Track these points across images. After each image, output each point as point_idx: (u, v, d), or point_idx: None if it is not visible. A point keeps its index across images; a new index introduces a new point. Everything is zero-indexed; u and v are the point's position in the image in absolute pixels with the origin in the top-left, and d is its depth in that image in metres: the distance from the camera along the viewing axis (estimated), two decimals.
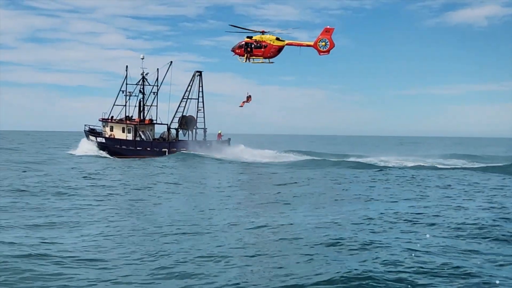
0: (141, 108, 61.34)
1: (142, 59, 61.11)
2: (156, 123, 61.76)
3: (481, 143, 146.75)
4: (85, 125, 63.84)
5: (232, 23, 46.07)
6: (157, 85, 61.06)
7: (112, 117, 61.25)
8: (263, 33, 48.59)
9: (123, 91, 60.99)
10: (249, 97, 53.32)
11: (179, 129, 60.46)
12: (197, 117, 60.99)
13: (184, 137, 60.59)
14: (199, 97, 61.23)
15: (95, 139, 61.67)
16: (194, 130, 61.15)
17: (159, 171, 38.96)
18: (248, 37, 48.88)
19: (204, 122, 61.45)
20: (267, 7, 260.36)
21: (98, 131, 62.66)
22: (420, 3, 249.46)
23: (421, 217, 18.01)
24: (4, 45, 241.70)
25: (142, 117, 61.16)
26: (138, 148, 58.71)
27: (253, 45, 48.77)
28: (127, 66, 61.23)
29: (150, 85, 61.24)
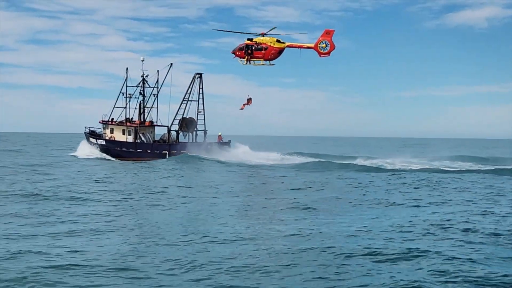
0: (142, 110, 60.85)
1: (142, 61, 60.62)
2: (156, 125, 61.23)
3: (483, 145, 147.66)
4: (85, 127, 63.33)
5: (232, 25, 45.95)
6: (157, 87, 60.67)
7: (112, 119, 60.62)
8: (263, 35, 48.27)
9: (123, 93, 60.47)
10: (249, 100, 53.00)
11: (180, 131, 60.08)
12: (197, 119, 60.64)
13: (184, 139, 60.26)
14: (199, 99, 60.91)
15: (95, 141, 61.16)
16: (194, 132, 60.82)
17: (168, 174, 38.52)
18: (248, 39, 48.48)
19: (204, 124, 61.15)
20: (267, 9, 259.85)
21: (98, 133, 62.12)
22: (420, 4, 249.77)
23: (451, 223, 17.74)
24: (4, 47, 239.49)
25: (142, 119, 60.64)
26: (138, 150, 58.17)
27: (253, 47, 48.33)
28: (127, 68, 60.80)
29: (150, 87, 60.79)
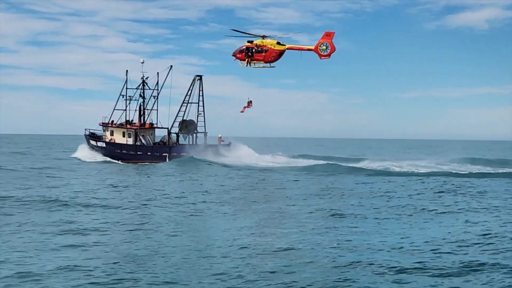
0: (142, 112, 61.06)
1: (142, 63, 60.84)
2: (156, 127, 61.43)
3: (486, 146, 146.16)
4: (85, 129, 63.32)
5: (233, 27, 46.14)
6: (157, 89, 60.90)
7: (112, 121, 60.66)
8: (264, 37, 48.42)
9: (123, 96, 60.62)
10: (250, 102, 53.30)
11: (180, 133, 60.33)
12: (197, 121, 60.95)
13: (184, 141, 60.45)
14: (199, 101, 61.21)
15: (95, 144, 61.50)
16: (194, 134, 61.10)
17: (181, 178, 37.98)
18: (248, 42, 48.64)
19: (204, 126, 61.41)
20: (268, 10, 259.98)
21: (98, 135, 62.27)
22: (420, 6, 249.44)
23: (495, 232, 17.36)
24: (4, 49, 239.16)
25: (142, 121, 60.85)
26: (138, 152, 58.35)
27: (254, 50, 48.52)
28: (127, 70, 60.94)
29: (150, 89, 61.03)
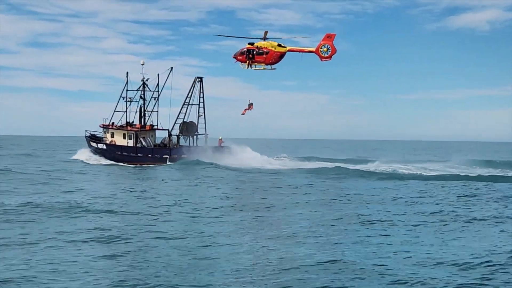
0: (142, 114, 61.04)
1: (142, 64, 60.84)
2: (157, 129, 61.43)
3: (491, 148, 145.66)
4: (85, 131, 63.36)
5: (234, 28, 46.18)
6: (158, 91, 60.89)
7: (113, 123, 60.76)
8: (264, 39, 48.28)
9: (124, 97, 60.72)
10: (251, 105, 53.23)
11: (180, 135, 60.28)
12: (198, 123, 60.92)
13: (185, 143, 60.44)
14: (199, 102, 61.22)
15: (96, 145, 61.42)
16: (195, 136, 61.03)
17: (195, 182, 37.40)
18: (249, 44, 48.51)
19: (205, 127, 61.40)
20: (268, 12, 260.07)
21: (98, 136, 62.26)
22: (421, 7, 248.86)
23: None
24: (5, 50, 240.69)
25: (143, 123, 60.86)
26: (139, 154, 58.34)
27: (254, 52, 48.39)
28: (127, 72, 61.04)
29: (150, 90, 60.99)
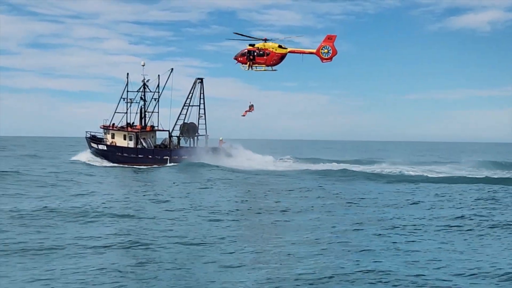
0: (143, 114, 61.01)
1: (143, 65, 60.67)
2: (157, 130, 61.36)
3: (492, 149, 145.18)
4: (86, 132, 63.19)
5: (234, 29, 46.00)
6: (158, 92, 60.88)
7: (113, 124, 60.70)
8: (265, 40, 48.23)
9: (124, 98, 60.62)
10: (251, 107, 53.20)
11: (181, 136, 60.26)
12: (198, 124, 60.93)
13: (185, 144, 60.45)
14: (200, 103, 61.25)
15: (96, 146, 61.35)
16: (195, 137, 61.01)
17: (205, 185, 37.24)
18: (250, 45, 48.44)
19: (205, 128, 61.42)
20: (269, 12, 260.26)
21: (99, 137, 62.12)
22: (422, 8, 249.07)
23: None
24: (6, 51, 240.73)
25: (143, 124, 60.81)
26: (139, 155, 58.30)
27: (255, 53, 48.33)
28: (128, 73, 60.96)
29: (151, 91, 60.96)
